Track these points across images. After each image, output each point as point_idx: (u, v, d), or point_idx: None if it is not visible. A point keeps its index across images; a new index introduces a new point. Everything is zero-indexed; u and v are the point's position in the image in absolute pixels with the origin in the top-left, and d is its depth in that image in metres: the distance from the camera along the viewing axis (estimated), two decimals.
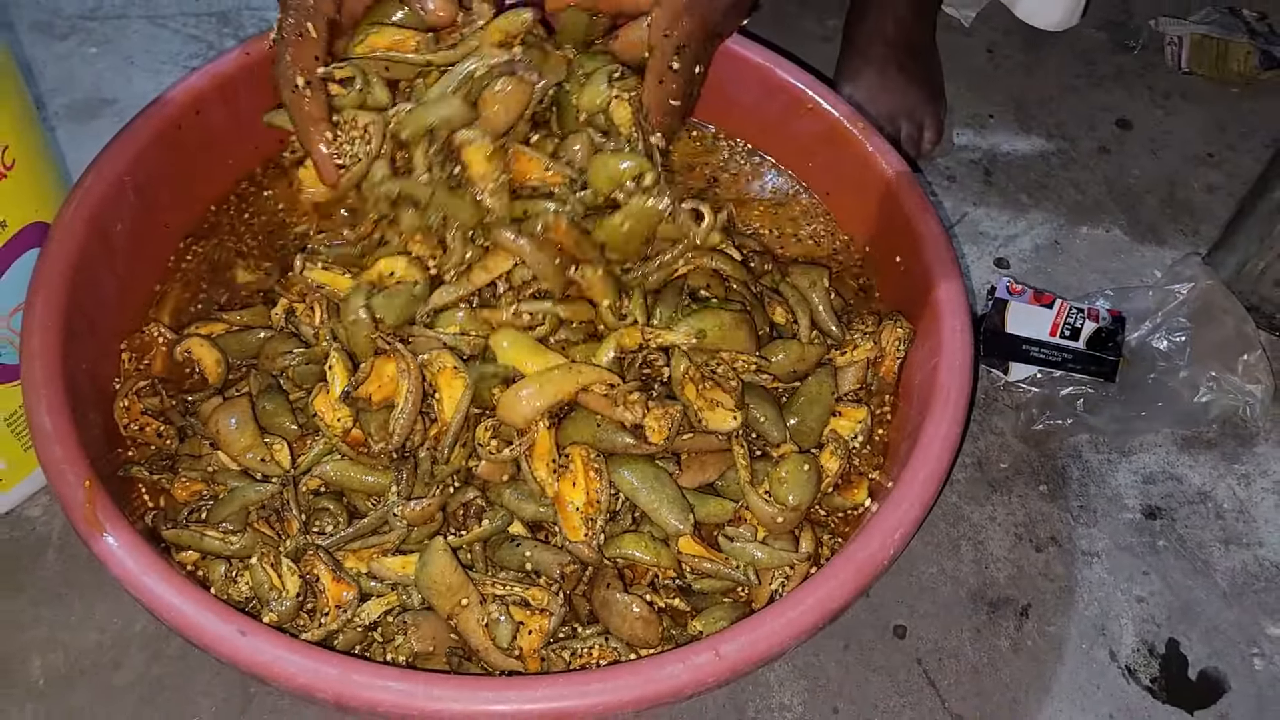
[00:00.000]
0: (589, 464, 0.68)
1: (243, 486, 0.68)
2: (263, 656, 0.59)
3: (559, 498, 0.68)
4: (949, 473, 0.69)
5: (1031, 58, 1.26)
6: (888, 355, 0.79)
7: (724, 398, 0.70)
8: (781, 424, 0.73)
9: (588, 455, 0.68)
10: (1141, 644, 0.81)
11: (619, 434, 0.69)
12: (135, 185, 0.79)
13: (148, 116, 0.82)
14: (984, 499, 0.89)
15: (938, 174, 1.12)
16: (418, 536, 0.69)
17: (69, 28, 1.20)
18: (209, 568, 0.69)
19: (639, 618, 0.66)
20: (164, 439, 0.74)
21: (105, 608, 0.78)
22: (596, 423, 0.69)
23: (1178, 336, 0.93)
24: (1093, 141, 1.17)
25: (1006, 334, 0.93)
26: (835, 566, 0.64)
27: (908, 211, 0.81)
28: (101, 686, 0.75)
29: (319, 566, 0.67)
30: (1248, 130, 1.19)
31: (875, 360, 0.79)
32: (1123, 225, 1.10)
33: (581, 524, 0.68)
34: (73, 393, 0.69)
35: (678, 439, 0.72)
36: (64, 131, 1.09)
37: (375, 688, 0.58)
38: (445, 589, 0.65)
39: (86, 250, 0.75)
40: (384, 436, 0.67)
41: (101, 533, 0.63)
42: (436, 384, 0.69)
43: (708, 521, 0.71)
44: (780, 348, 0.75)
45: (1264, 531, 0.88)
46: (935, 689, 0.78)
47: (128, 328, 0.79)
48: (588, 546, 0.67)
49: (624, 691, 0.59)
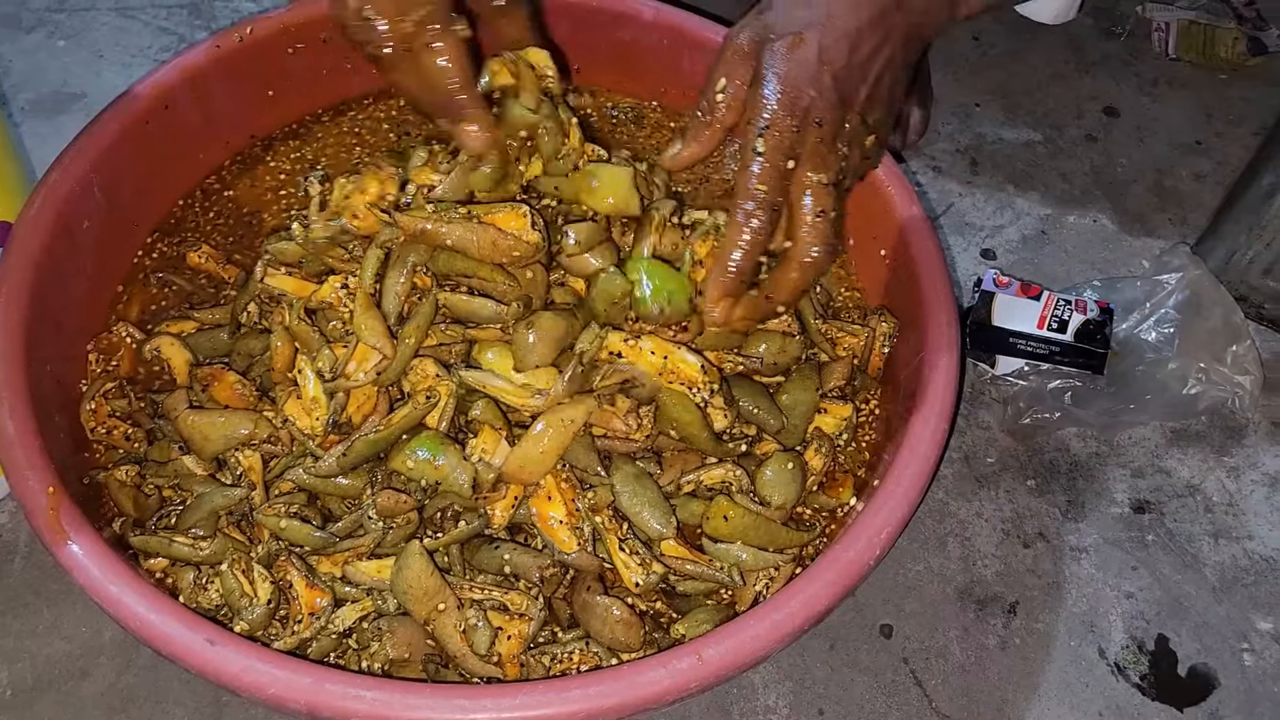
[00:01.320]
0: (557, 477, 0.67)
1: (211, 491, 0.67)
2: (232, 666, 0.57)
3: (540, 517, 0.67)
4: (936, 470, 0.68)
5: (1018, 45, 1.24)
6: (874, 351, 0.78)
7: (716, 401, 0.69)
8: (777, 410, 0.72)
9: (555, 470, 0.67)
10: (1131, 640, 0.80)
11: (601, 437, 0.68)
12: (102, 183, 0.77)
13: (115, 112, 0.80)
14: (971, 495, 0.87)
15: (924, 164, 1.11)
16: (393, 539, 0.67)
17: (36, 20, 1.17)
18: (178, 575, 0.67)
19: (619, 620, 0.65)
20: (132, 442, 0.72)
21: (74, 616, 0.76)
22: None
23: (1166, 328, 0.92)
24: (1080, 130, 1.16)
25: (993, 327, 0.92)
26: (820, 568, 0.63)
27: (892, 204, 0.79)
28: (69, 697, 0.73)
29: (292, 572, 0.65)
30: (1236, 117, 1.18)
31: (860, 355, 0.78)
32: (1110, 215, 1.08)
33: (571, 535, 0.67)
34: (37, 396, 0.67)
35: (659, 437, 0.71)
36: (30, 127, 1.07)
37: (349, 697, 0.57)
38: (421, 593, 0.64)
39: (51, 249, 0.73)
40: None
41: (65, 540, 0.61)
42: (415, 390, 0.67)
43: (690, 522, 0.70)
44: (762, 338, 0.74)
45: (1253, 524, 0.87)
46: (922, 689, 0.77)
47: (95, 328, 0.77)
48: (583, 554, 0.66)
49: (606, 697, 0.58)
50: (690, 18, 0.89)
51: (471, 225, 0.66)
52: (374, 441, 0.65)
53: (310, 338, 0.68)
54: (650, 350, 0.68)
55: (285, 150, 0.90)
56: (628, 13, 0.90)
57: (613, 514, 0.67)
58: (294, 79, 0.89)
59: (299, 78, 0.89)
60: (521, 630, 0.64)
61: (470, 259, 0.67)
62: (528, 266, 0.68)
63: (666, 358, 0.68)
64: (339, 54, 0.89)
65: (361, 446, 0.65)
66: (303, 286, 0.71)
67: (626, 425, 0.68)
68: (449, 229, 0.66)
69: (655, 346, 0.68)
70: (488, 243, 0.66)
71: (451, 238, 0.66)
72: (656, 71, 0.92)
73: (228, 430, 0.67)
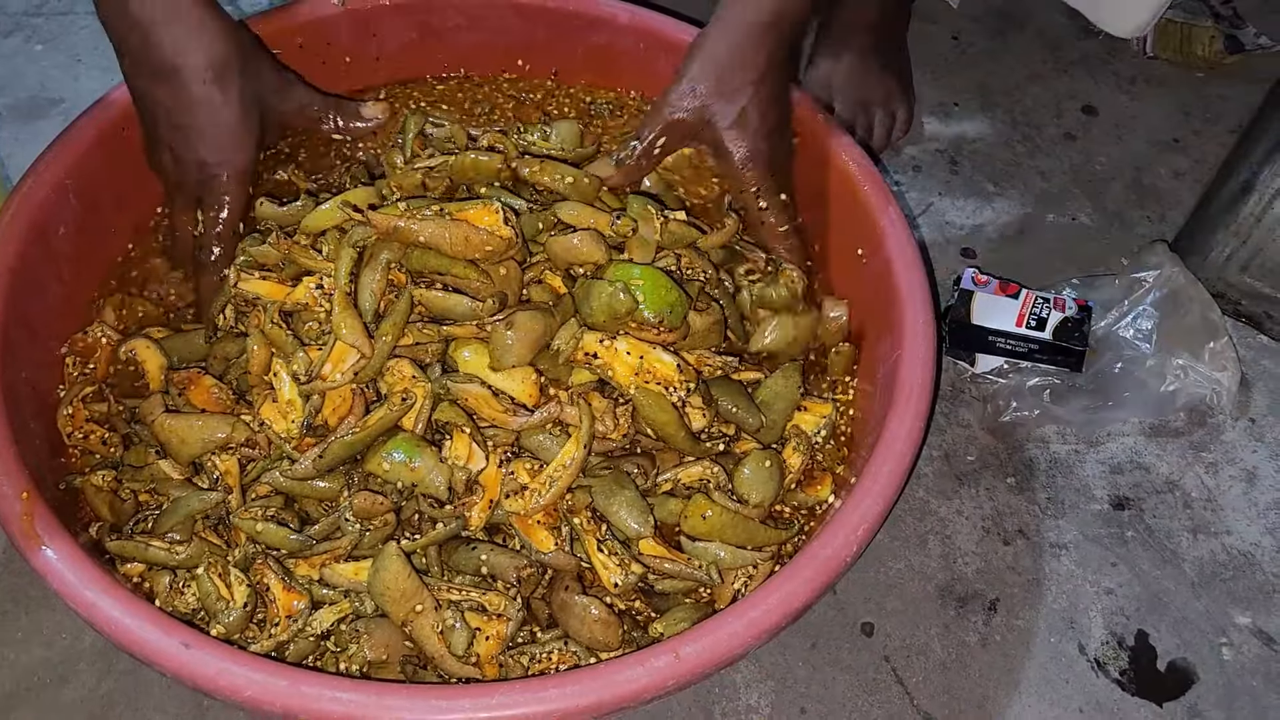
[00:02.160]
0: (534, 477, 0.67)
1: (187, 495, 0.67)
2: (208, 670, 0.57)
3: (518, 516, 0.67)
4: (912, 468, 0.68)
5: (997, 44, 1.25)
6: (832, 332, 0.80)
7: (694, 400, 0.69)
8: (755, 409, 0.72)
9: (532, 469, 0.67)
10: (1110, 636, 0.81)
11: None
12: (78, 189, 0.77)
13: (91, 118, 0.80)
14: (951, 492, 0.88)
15: (903, 163, 1.11)
16: (371, 541, 0.67)
17: (13, 24, 1.17)
18: (155, 579, 0.67)
19: (597, 619, 0.65)
20: (109, 447, 0.72)
21: (53, 623, 0.76)
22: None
23: (1144, 325, 0.92)
24: (1058, 128, 1.17)
25: (973, 325, 0.92)
26: (798, 565, 0.63)
27: (868, 203, 0.79)
28: (49, 704, 0.72)
29: (269, 575, 0.65)
30: (1213, 115, 1.19)
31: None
32: (1089, 212, 1.09)
33: (548, 535, 0.67)
34: (11, 402, 0.67)
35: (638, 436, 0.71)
36: (7, 132, 1.06)
37: (325, 699, 0.57)
38: (399, 595, 0.64)
39: (26, 256, 0.73)
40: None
41: (40, 546, 0.61)
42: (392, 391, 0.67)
43: (668, 521, 0.70)
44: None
45: (1231, 519, 0.88)
46: (904, 686, 0.77)
47: (71, 333, 0.77)
48: (560, 553, 0.66)
49: (582, 696, 0.58)
50: (666, 20, 0.90)
51: (444, 222, 0.66)
52: (350, 444, 0.65)
53: (285, 341, 0.67)
54: (626, 351, 0.68)
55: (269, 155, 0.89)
56: (603, 17, 0.91)
57: (591, 515, 0.67)
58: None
59: None
60: (499, 631, 0.64)
61: (444, 256, 0.67)
62: (502, 263, 0.68)
63: (643, 358, 0.68)
64: (315, 59, 0.90)
65: (338, 449, 0.65)
66: (277, 290, 0.70)
67: (603, 425, 0.68)
68: (421, 225, 0.66)
69: (631, 347, 0.68)
70: (460, 239, 0.66)
71: (424, 234, 0.66)
72: (632, 73, 0.92)
73: (205, 434, 0.67)
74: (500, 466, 0.67)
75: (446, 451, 0.66)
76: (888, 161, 1.11)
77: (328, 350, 0.66)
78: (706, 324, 0.72)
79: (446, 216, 0.67)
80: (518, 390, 0.68)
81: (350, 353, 0.66)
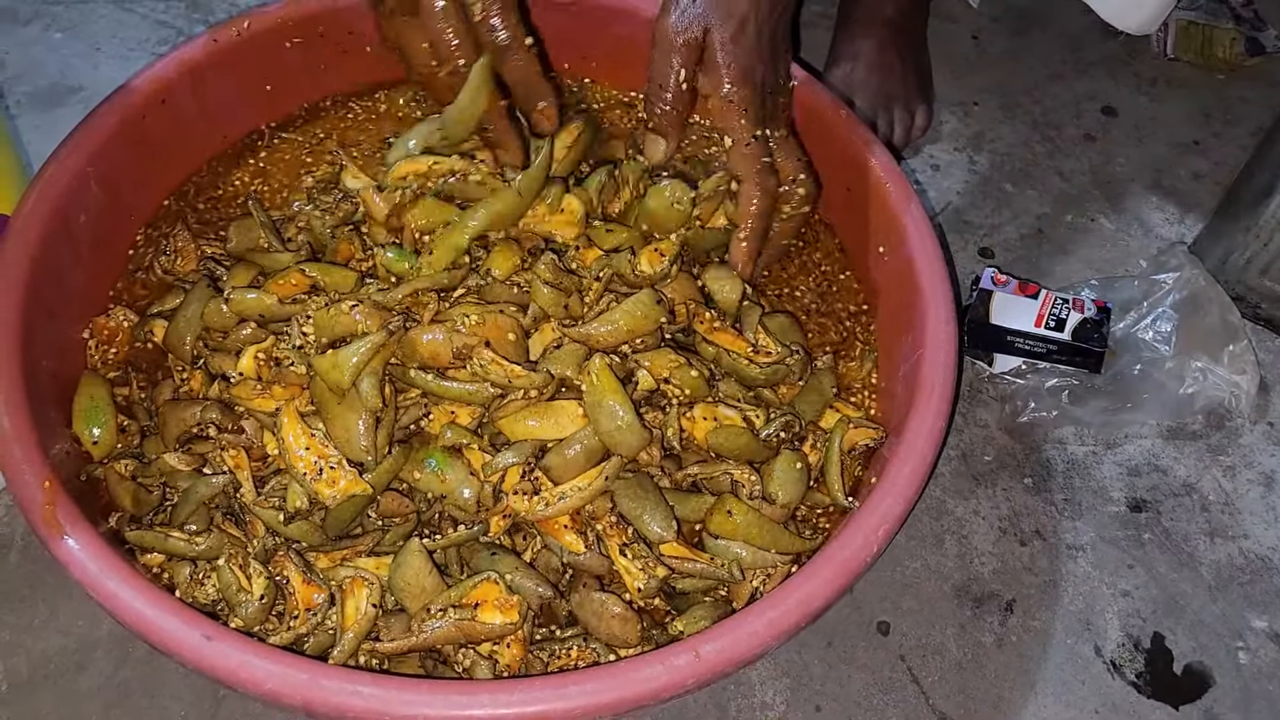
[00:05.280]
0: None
1: (195, 483, 0.67)
2: (228, 662, 0.57)
3: (543, 520, 0.67)
4: (933, 469, 0.68)
5: (1017, 44, 1.24)
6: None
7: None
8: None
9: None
10: (1127, 638, 0.81)
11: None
12: (99, 176, 0.77)
13: (112, 105, 0.80)
14: (968, 492, 0.87)
15: (923, 162, 1.11)
16: (392, 538, 0.67)
17: (33, 13, 1.17)
18: (174, 570, 0.67)
19: (616, 616, 0.65)
20: (127, 435, 0.72)
21: (70, 610, 0.76)
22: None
23: (1163, 327, 0.92)
24: (1078, 129, 1.16)
25: (991, 325, 0.92)
26: (817, 565, 0.63)
27: (890, 202, 0.79)
28: (66, 691, 0.73)
29: (289, 568, 0.65)
30: (1233, 118, 1.18)
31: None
32: (1108, 214, 1.08)
33: (577, 538, 0.67)
34: (33, 390, 0.67)
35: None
36: (27, 119, 1.06)
37: (345, 693, 0.57)
38: (419, 591, 0.64)
39: (47, 243, 0.73)
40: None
41: (61, 535, 0.61)
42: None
43: (690, 519, 0.70)
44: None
45: (1249, 523, 0.87)
46: (919, 686, 0.77)
47: (91, 318, 0.77)
48: (593, 555, 0.66)
49: (603, 693, 0.57)
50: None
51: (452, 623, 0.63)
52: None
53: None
54: (702, 416, 0.70)
55: (283, 144, 0.89)
56: (625, 8, 0.90)
57: (615, 519, 0.67)
58: (291, 73, 0.89)
59: (296, 72, 0.89)
60: (521, 635, 0.64)
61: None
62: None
63: (716, 419, 0.70)
64: (336, 48, 0.89)
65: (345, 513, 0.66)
66: (265, 400, 0.68)
67: (647, 454, 0.68)
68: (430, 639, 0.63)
69: (704, 412, 0.70)
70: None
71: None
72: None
73: (184, 413, 0.68)
74: (523, 478, 0.66)
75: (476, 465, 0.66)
76: (908, 160, 1.11)
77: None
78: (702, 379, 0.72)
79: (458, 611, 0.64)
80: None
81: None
